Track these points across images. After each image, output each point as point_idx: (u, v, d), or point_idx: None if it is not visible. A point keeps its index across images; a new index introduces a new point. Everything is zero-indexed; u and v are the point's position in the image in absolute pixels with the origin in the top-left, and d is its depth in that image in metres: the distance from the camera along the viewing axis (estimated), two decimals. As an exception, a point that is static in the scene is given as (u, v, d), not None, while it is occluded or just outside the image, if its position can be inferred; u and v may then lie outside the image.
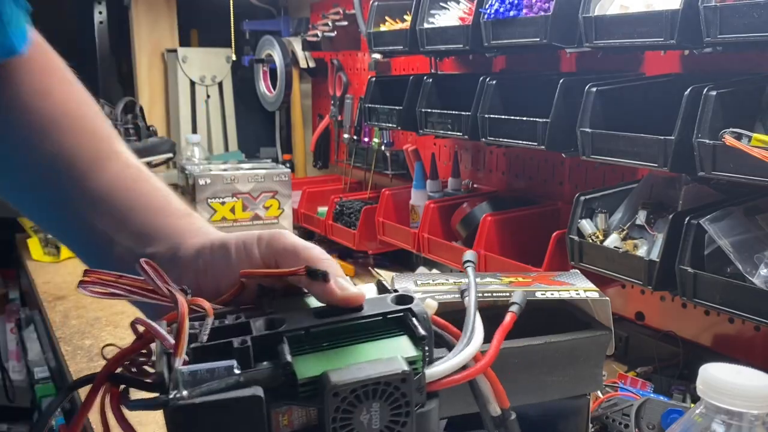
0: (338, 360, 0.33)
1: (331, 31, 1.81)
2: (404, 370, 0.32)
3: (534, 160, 1.31)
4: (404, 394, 0.32)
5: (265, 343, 0.33)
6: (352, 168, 1.79)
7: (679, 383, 0.91)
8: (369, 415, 0.32)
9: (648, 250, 0.89)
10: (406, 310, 0.36)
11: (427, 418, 0.34)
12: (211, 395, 0.30)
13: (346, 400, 0.31)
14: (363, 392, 0.32)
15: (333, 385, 0.31)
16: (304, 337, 0.35)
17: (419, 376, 0.34)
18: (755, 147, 0.71)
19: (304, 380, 0.32)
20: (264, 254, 0.42)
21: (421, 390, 0.34)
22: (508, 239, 1.17)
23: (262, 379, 0.32)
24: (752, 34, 0.73)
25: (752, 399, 0.45)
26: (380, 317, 0.36)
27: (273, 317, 0.36)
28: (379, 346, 0.35)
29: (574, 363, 0.61)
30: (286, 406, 0.32)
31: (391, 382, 0.32)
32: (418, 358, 0.34)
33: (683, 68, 1.01)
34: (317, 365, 0.33)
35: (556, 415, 0.62)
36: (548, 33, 0.96)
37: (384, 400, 0.32)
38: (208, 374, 0.31)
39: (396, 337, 0.35)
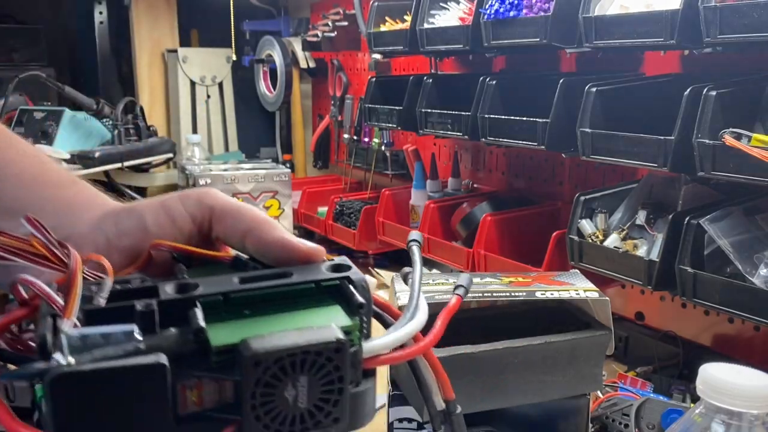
0: (261, 328, 0.28)
1: (331, 32, 1.82)
2: (339, 338, 0.27)
3: (534, 160, 1.32)
4: (337, 368, 0.27)
5: (174, 309, 0.28)
6: (352, 168, 1.79)
7: (679, 383, 0.91)
8: (295, 391, 0.27)
9: (648, 250, 0.89)
10: (342, 278, 0.32)
11: (362, 399, 0.30)
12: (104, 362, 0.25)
13: (269, 371, 0.26)
14: (289, 363, 0.27)
15: (254, 353, 0.26)
16: (222, 303, 0.30)
17: (355, 350, 0.29)
18: (755, 147, 0.71)
19: (219, 348, 0.27)
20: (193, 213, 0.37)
21: (357, 366, 0.29)
22: (508, 239, 1.17)
23: (167, 346, 0.27)
24: (752, 35, 0.73)
25: (752, 399, 0.45)
26: (312, 284, 0.31)
27: (185, 281, 0.30)
28: (310, 315, 0.30)
29: (573, 363, 0.61)
30: (196, 379, 0.27)
31: (323, 352, 0.27)
32: (354, 328, 0.29)
33: (683, 68, 1.02)
34: (236, 332, 0.28)
35: (556, 415, 0.62)
36: (548, 33, 0.96)
37: (314, 374, 0.27)
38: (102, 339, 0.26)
39: (328, 306, 0.31)
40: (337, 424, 0.28)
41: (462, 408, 0.55)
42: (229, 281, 0.31)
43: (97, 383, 0.25)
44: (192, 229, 0.37)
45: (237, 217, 0.37)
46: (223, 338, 0.27)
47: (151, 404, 0.26)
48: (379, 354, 0.30)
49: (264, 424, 0.27)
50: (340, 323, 0.29)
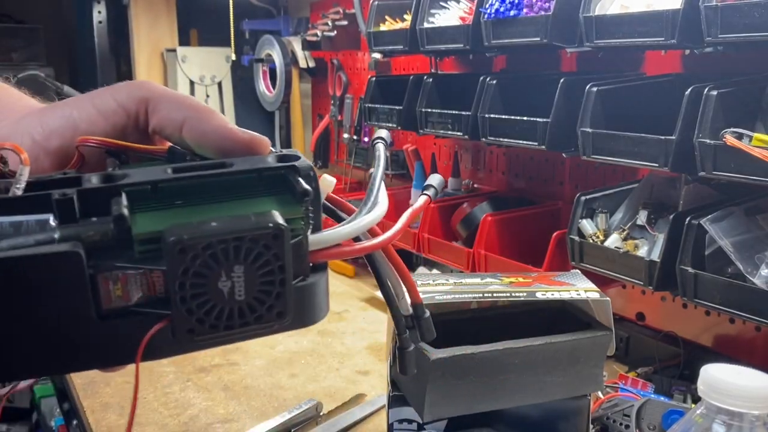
0: (192, 217, 0.26)
1: (331, 31, 1.81)
2: (277, 222, 0.25)
3: (534, 160, 1.31)
4: (277, 256, 0.25)
5: (97, 199, 0.26)
6: (352, 168, 1.79)
7: (680, 384, 0.91)
8: (230, 282, 0.25)
9: (649, 250, 0.88)
10: (287, 167, 0.29)
11: (311, 293, 0.28)
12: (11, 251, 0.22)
13: (198, 259, 0.24)
14: (221, 249, 0.24)
15: (179, 239, 0.24)
16: (151, 193, 0.27)
17: (299, 239, 0.27)
18: (756, 147, 0.70)
19: (142, 235, 0.25)
20: (126, 105, 0.34)
21: (302, 257, 0.27)
22: (509, 239, 1.17)
23: (86, 236, 0.24)
24: (753, 34, 0.72)
25: (753, 399, 0.45)
26: (254, 174, 0.29)
27: (111, 172, 0.28)
28: (249, 205, 0.27)
29: (574, 363, 0.60)
30: (119, 272, 0.25)
31: (259, 238, 0.25)
32: (296, 215, 0.27)
33: (684, 68, 1.01)
34: (162, 221, 0.25)
35: (556, 416, 0.62)
36: (549, 32, 0.95)
37: (250, 263, 0.25)
38: (11, 229, 0.23)
39: (272, 196, 0.28)
40: (281, 318, 0.26)
41: (463, 409, 0.55)
42: (160, 172, 0.28)
43: (6, 274, 0.22)
44: (126, 123, 0.34)
45: (173, 106, 0.34)
46: (146, 226, 0.25)
47: (68, 298, 0.24)
48: (329, 246, 0.28)
49: (197, 318, 0.25)
50: (281, 211, 0.26)
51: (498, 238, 1.16)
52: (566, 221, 0.98)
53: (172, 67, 2.16)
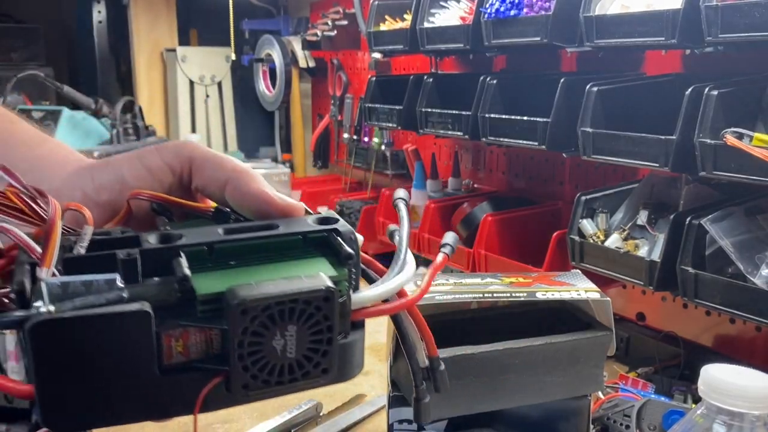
0: (248, 277, 0.27)
1: (331, 31, 1.81)
2: (328, 286, 0.27)
3: (534, 160, 1.31)
4: (326, 317, 0.27)
5: (157, 259, 0.27)
6: (352, 168, 1.79)
7: (681, 384, 0.91)
8: (283, 341, 0.26)
9: (649, 250, 0.88)
10: (330, 230, 0.31)
11: (351, 351, 0.30)
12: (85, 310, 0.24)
13: (257, 319, 0.26)
14: (278, 311, 0.26)
15: (241, 300, 0.25)
16: (207, 254, 0.29)
17: (344, 300, 0.28)
18: (756, 147, 0.70)
19: (205, 296, 0.26)
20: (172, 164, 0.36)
21: (345, 316, 0.29)
22: (509, 239, 1.17)
23: (151, 294, 0.26)
24: (754, 34, 0.72)
25: (753, 400, 0.45)
26: (299, 236, 0.31)
27: (168, 232, 0.29)
28: (297, 266, 0.29)
29: (574, 364, 0.60)
30: (181, 329, 0.26)
31: (312, 300, 0.26)
32: (342, 278, 0.29)
33: (684, 68, 1.01)
34: (222, 281, 0.27)
35: (556, 416, 0.62)
36: (549, 32, 0.95)
37: (302, 323, 0.27)
38: (83, 287, 0.25)
39: (315, 258, 0.30)
40: (326, 374, 0.28)
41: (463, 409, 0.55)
42: (213, 232, 0.30)
43: (79, 331, 0.24)
44: (171, 181, 0.36)
45: (217, 167, 0.35)
46: (208, 287, 0.27)
47: (134, 354, 0.25)
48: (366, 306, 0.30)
49: (252, 374, 0.26)
50: (329, 274, 0.28)
51: (498, 238, 1.16)
52: (566, 221, 0.97)
53: (171, 67, 2.16)
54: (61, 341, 0.24)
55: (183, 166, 0.36)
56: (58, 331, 0.24)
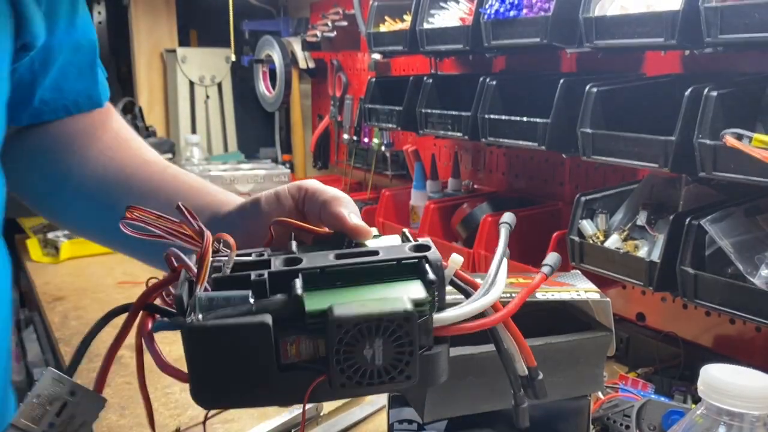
0: (347, 297, 0.35)
1: (331, 32, 1.81)
2: (407, 309, 0.33)
3: (534, 160, 1.31)
4: (408, 333, 0.33)
5: (281, 279, 0.35)
6: (352, 168, 1.79)
7: (680, 384, 0.91)
8: (372, 351, 0.33)
9: (649, 250, 0.88)
10: (421, 257, 0.37)
11: (433, 361, 0.35)
12: (223, 319, 0.32)
13: (349, 333, 0.32)
14: (366, 327, 0.32)
15: (336, 317, 0.32)
16: (319, 275, 0.36)
17: (425, 319, 0.34)
18: (756, 147, 0.70)
19: (311, 312, 0.33)
20: (293, 193, 0.48)
21: (428, 333, 0.35)
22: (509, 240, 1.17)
23: (273, 309, 0.33)
24: (753, 35, 0.72)
25: (753, 400, 0.45)
26: (395, 262, 0.37)
27: (292, 256, 0.38)
28: (390, 288, 0.36)
29: (574, 364, 0.60)
30: (294, 336, 0.34)
31: (394, 319, 0.33)
32: (425, 301, 0.34)
33: (684, 68, 1.01)
34: (326, 300, 0.34)
35: (556, 416, 0.62)
36: (548, 33, 0.95)
37: (387, 337, 0.33)
38: (224, 301, 0.33)
39: (409, 281, 0.36)
40: (409, 380, 0.34)
41: (463, 409, 0.55)
42: (326, 257, 0.37)
43: (218, 336, 0.32)
44: (291, 205, 0.48)
45: (319, 194, 0.46)
46: (315, 305, 0.34)
47: (259, 353, 0.33)
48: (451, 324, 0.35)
49: (347, 375, 0.33)
50: (415, 295, 0.34)
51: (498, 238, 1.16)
52: (566, 222, 0.98)
53: (171, 68, 2.16)
54: (206, 342, 0.32)
55: (300, 195, 0.48)
56: (204, 335, 0.32)
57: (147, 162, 0.62)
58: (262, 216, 0.48)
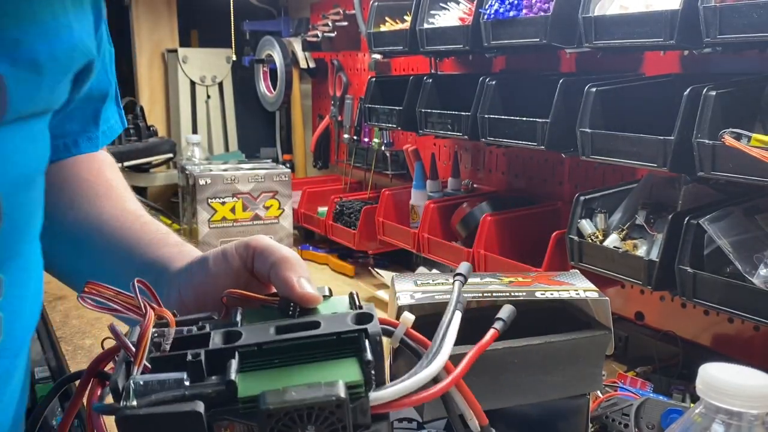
0: (282, 380, 0.34)
1: (331, 32, 1.82)
2: (339, 396, 0.33)
3: (534, 160, 1.32)
4: (340, 419, 0.33)
5: (219, 357, 0.35)
6: (352, 168, 1.79)
7: (679, 383, 0.91)
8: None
9: (647, 250, 0.89)
10: (360, 331, 0.37)
11: None
12: (156, 407, 0.32)
13: (280, 422, 0.32)
14: (297, 415, 0.32)
15: (267, 406, 0.32)
16: (257, 352, 0.36)
17: (361, 401, 0.34)
18: (755, 147, 0.71)
19: (244, 398, 0.33)
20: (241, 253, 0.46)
21: (365, 413, 0.34)
22: (508, 239, 1.17)
23: (206, 394, 0.33)
24: (752, 35, 0.73)
25: (752, 399, 0.45)
26: (334, 336, 0.37)
27: (231, 330, 0.37)
28: (327, 368, 0.36)
29: (573, 363, 0.61)
30: (228, 422, 0.34)
31: (325, 407, 0.32)
32: (360, 383, 0.34)
33: (683, 68, 1.02)
34: (259, 384, 0.34)
35: (556, 415, 0.62)
36: (548, 33, 0.96)
37: (320, 424, 0.33)
38: (158, 385, 0.33)
39: (346, 358, 0.36)
40: None
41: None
42: (266, 331, 0.37)
43: (150, 423, 0.32)
44: (239, 265, 0.46)
45: (268, 254, 0.44)
46: (247, 390, 0.34)
47: None
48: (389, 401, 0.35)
49: None
50: (350, 378, 0.34)
51: (498, 238, 1.16)
52: (566, 221, 0.98)
53: (172, 68, 2.16)
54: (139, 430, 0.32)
55: (248, 254, 0.46)
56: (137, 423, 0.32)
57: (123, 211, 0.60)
58: (209, 276, 0.47)
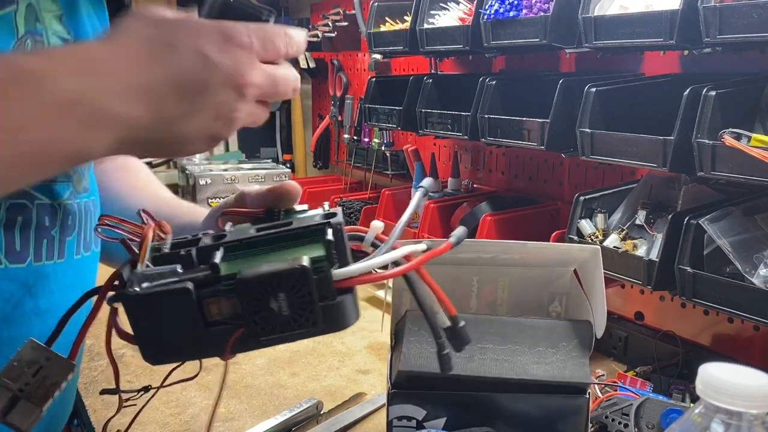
0: (259, 261, 0.40)
1: (332, 32, 1.82)
2: (302, 265, 0.38)
3: (534, 160, 1.32)
4: (306, 286, 0.38)
5: (207, 252, 0.41)
6: (352, 168, 1.79)
7: (679, 383, 0.91)
8: (278, 304, 0.38)
9: (647, 250, 0.89)
10: (324, 223, 0.42)
11: (337, 309, 0.40)
12: (153, 288, 0.38)
13: (254, 289, 0.38)
14: (268, 283, 0.38)
15: (241, 278, 0.38)
16: (239, 245, 0.42)
17: (324, 274, 0.39)
18: (754, 147, 0.71)
19: (225, 276, 0.39)
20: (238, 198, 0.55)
21: (329, 284, 0.39)
22: (508, 239, 1.17)
23: (195, 277, 0.39)
24: (751, 35, 0.73)
25: (751, 398, 0.45)
26: (302, 229, 0.42)
27: (219, 233, 0.44)
28: (296, 251, 0.41)
29: (555, 346, 0.61)
30: (215, 297, 0.39)
31: (291, 275, 0.38)
32: (321, 258, 0.39)
33: (682, 68, 1.02)
34: (240, 266, 0.39)
35: (555, 415, 0.62)
36: (548, 33, 0.96)
37: (288, 291, 0.38)
38: (157, 275, 0.39)
39: (314, 243, 0.41)
40: (315, 326, 0.39)
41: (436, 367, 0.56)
42: (248, 231, 0.43)
43: (150, 300, 0.38)
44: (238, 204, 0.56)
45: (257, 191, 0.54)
46: (228, 269, 0.39)
47: (187, 313, 0.38)
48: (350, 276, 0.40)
49: (261, 327, 0.39)
50: (313, 254, 0.39)
51: (497, 238, 1.16)
52: (565, 221, 0.98)
53: (172, 68, 2.16)
54: (141, 307, 0.38)
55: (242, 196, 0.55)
56: (139, 301, 0.38)
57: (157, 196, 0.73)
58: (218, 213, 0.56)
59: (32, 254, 0.54)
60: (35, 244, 0.54)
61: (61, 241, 0.57)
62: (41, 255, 0.55)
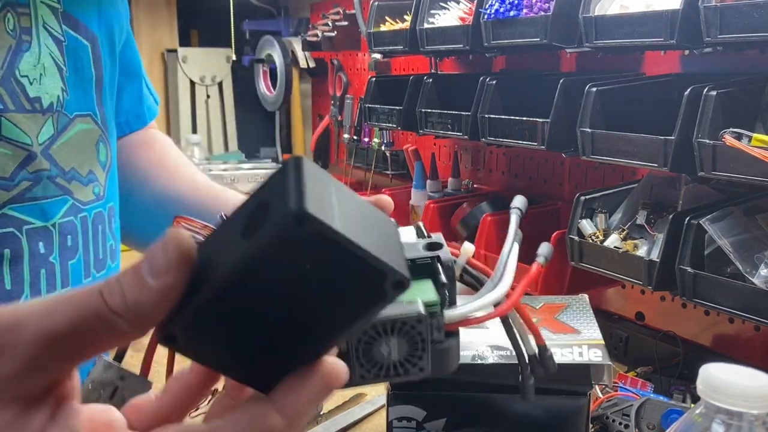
0: None
1: (331, 31, 1.82)
2: (420, 313, 0.37)
3: (534, 160, 1.32)
4: (420, 333, 0.37)
5: None
6: (352, 168, 1.79)
7: (679, 383, 0.91)
8: (389, 348, 0.37)
9: (648, 250, 0.89)
10: (433, 257, 0.41)
11: (445, 353, 0.39)
12: None
13: (367, 333, 0.37)
14: (382, 328, 0.37)
15: None
16: None
17: (437, 318, 0.38)
18: (755, 147, 0.71)
19: None
20: None
21: (440, 329, 0.39)
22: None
23: None
24: (752, 34, 0.73)
25: (752, 399, 0.45)
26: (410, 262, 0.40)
27: None
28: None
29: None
30: None
31: (407, 321, 0.37)
32: (436, 303, 0.38)
33: (683, 68, 1.01)
34: None
35: (556, 415, 0.62)
36: (548, 33, 0.96)
37: (401, 336, 0.37)
38: None
39: (422, 280, 0.40)
40: (422, 372, 0.38)
41: None
42: None
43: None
44: None
45: None
46: None
47: None
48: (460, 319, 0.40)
49: (366, 369, 0.38)
50: (427, 298, 0.38)
51: (498, 238, 1.16)
52: (566, 221, 0.98)
53: (172, 68, 2.16)
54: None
55: None
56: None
57: (195, 183, 0.69)
58: None
59: (28, 290, 0.47)
60: (30, 277, 0.47)
61: (63, 267, 0.50)
62: (39, 288, 0.48)
